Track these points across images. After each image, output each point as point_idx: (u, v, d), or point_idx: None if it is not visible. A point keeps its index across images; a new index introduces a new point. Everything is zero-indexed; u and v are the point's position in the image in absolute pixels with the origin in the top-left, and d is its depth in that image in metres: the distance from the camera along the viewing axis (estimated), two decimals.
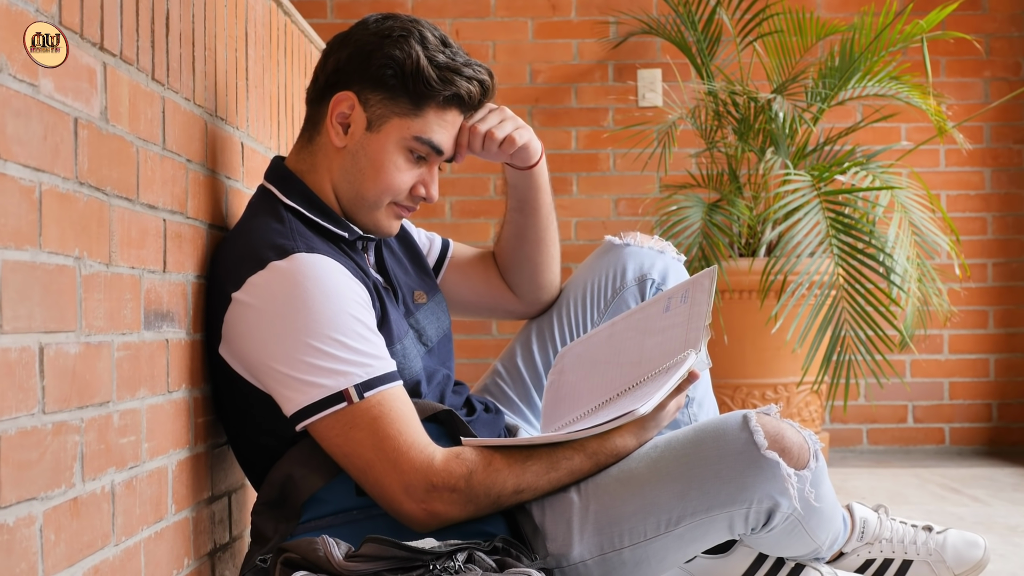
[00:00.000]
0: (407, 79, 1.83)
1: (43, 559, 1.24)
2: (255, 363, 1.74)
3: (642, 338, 1.90)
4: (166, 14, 1.64)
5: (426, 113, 1.86)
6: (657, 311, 1.93)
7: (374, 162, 1.86)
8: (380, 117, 1.85)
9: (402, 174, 1.87)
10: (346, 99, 1.85)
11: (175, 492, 1.67)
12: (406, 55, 1.83)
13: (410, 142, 1.86)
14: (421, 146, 1.87)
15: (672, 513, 1.74)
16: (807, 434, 1.78)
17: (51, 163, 1.26)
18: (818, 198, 3.75)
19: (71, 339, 1.31)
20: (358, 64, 1.85)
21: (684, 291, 1.90)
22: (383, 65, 1.83)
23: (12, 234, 1.17)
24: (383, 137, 1.86)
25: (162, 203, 1.62)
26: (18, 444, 1.18)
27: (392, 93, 1.84)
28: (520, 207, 2.14)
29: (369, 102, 1.85)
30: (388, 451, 1.70)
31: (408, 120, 1.85)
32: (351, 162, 1.87)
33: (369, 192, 1.87)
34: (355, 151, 1.87)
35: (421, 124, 1.86)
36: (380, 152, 1.86)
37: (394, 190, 1.88)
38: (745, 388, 4.02)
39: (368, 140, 1.86)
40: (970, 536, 2.10)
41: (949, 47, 4.65)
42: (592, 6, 4.75)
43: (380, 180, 1.86)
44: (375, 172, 1.86)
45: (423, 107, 1.85)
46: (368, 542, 1.59)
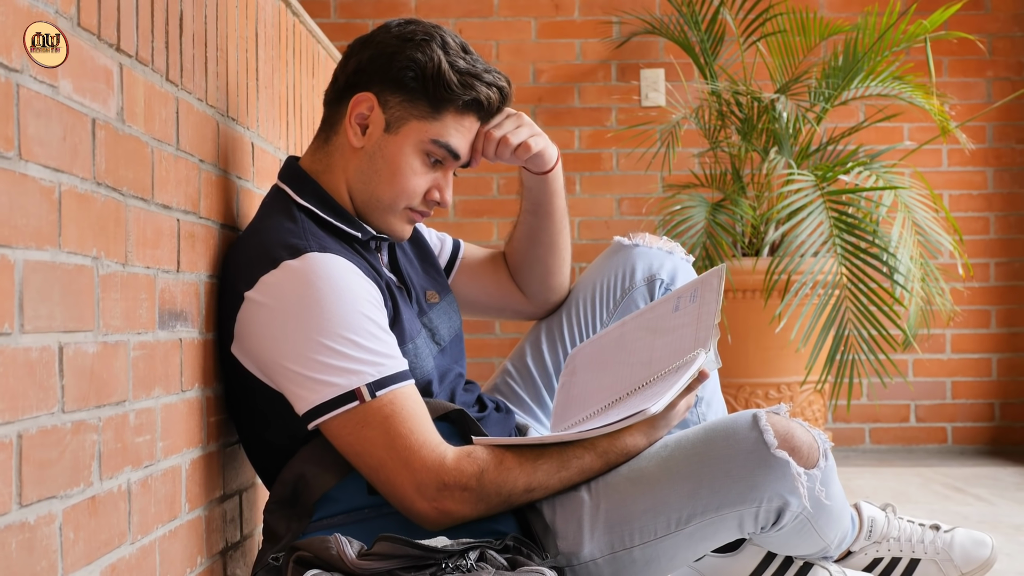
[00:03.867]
0: (427, 82, 1.84)
1: (62, 557, 1.24)
2: (267, 361, 1.75)
3: (652, 338, 1.91)
4: (180, 15, 1.65)
5: (444, 117, 1.87)
6: (667, 311, 1.93)
7: (391, 164, 1.87)
8: (399, 119, 1.86)
9: (418, 177, 1.88)
10: (366, 100, 1.86)
11: (188, 491, 1.68)
12: (428, 58, 1.84)
13: (428, 145, 1.87)
14: (438, 149, 1.87)
15: (682, 512, 1.75)
16: (816, 433, 1.79)
17: (70, 163, 1.27)
18: (821, 198, 3.76)
19: (89, 339, 1.32)
20: (379, 66, 1.86)
21: (693, 290, 1.91)
22: (404, 67, 1.85)
23: (33, 234, 1.18)
24: (401, 139, 1.86)
25: (176, 203, 1.63)
26: (39, 443, 1.19)
27: (412, 96, 1.85)
28: (534, 210, 2.15)
29: (388, 104, 1.86)
30: (400, 450, 1.71)
31: (427, 123, 1.86)
32: (368, 163, 1.88)
33: (384, 194, 1.88)
34: (372, 152, 1.88)
35: (439, 128, 1.87)
36: (397, 154, 1.87)
37: (409, 193, 1.88)
38: (749, 387, 4.03)
39: (386, 142, 1.87)
40: (977, 535, 2.11)
41: (952, 47, 4.66)
42: (595, 6, 4.76)
43: (396, 182, 1.87)
44: (391, 174, 1.87)
45: (442, 111, 1.86)
46: (381, 540, 1.60)
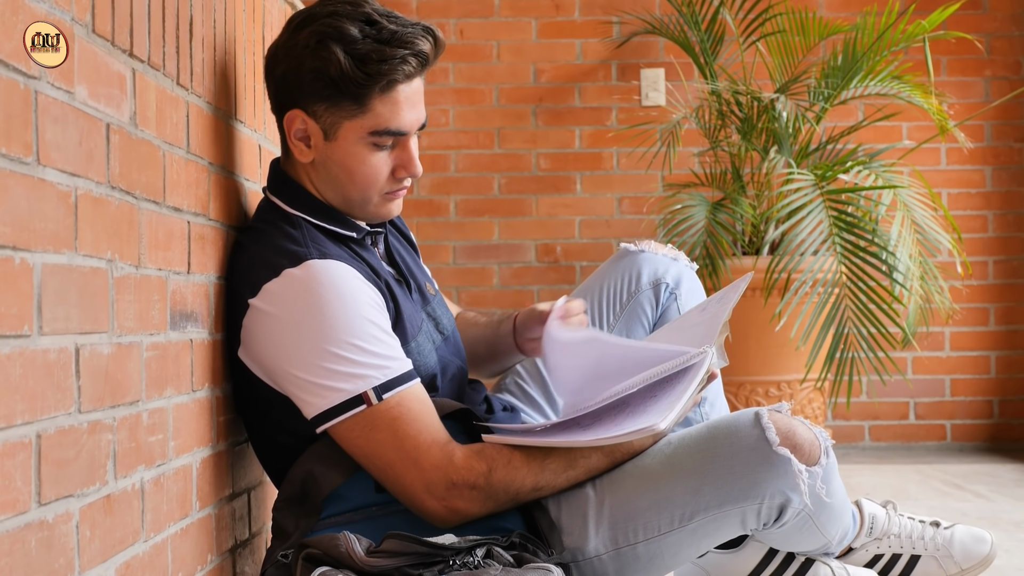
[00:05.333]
0: (338, 84, 1.79)
1: (79, 555, 1.27)
2: (274, 368, 1.77)
3: (678, 334, 1.94)
4: (190, 20, 1.67)
5: (372, 106, 1.82)
6: (696, 311, 1.97)
7: (344, 167, 1.86)
8: (332, 125, 1.83)
9: (377, 167, 1.86)
10: (296, 116, 1.84)
11: (199, 489, 1.70)
12: (327, 62, 1.78)
13: (369, 138, 1.84)
14: (381, 138, 1.84)
15: (686, 508, 1.78)
16: (818, 431, 1.81)
17: (86, 168, 1.29)
18: (821, 197, 3.78)
19: (104, 340, 1.34)
20: (291, 83, 1.83)
21: (723, 294, 1.93)
22: (312, 79, 1.80)
23: (51, 238, 1.20)
24: (342, 142, 1.84)
25: (187, 205, 1.65)
26: (57, 443, 1.21)
27: (332, 100, 1.81)
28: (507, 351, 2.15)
29: (317, 113, 1.83)
30: (409, 450, 1.73)
31: (358, 119, 1.82)
32: (324, 171, 1.87)
33: (353, 194, 1.88)
34: (324, 161, 1.87)
35: (373, 119, 1.82)
36: (345, 157, 1.85)
37: (375, 184, 1.87)
38: (749, 385, 4.06)
39: (331, 149, 1.85)
40: (977, 531, 2.13)
41: (950, 46, 4.68)
42: (595, 6, 4.78)
43: (357, 181, 1.86)
44: (349, 176, 1.86)
45: (366, 102, 1.81)
46: (389, 538, 1.62)
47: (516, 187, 4.79)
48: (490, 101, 4.80)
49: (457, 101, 4.77)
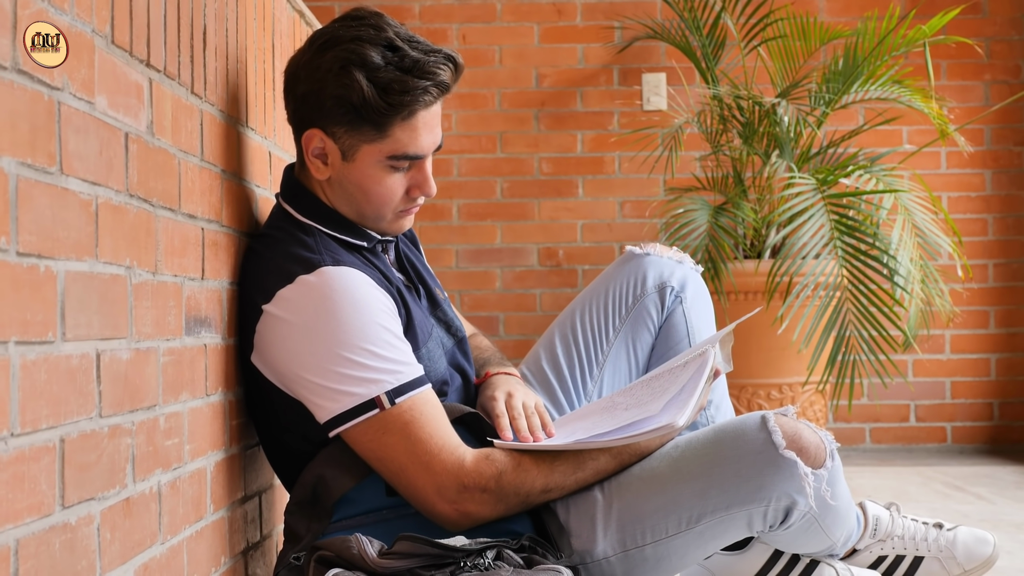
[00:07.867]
0: (359, 111, 1.81)
1: (100, 557, 1.29)
2: (287, 373, 1.80)
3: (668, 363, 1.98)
4: (204, 30, 1.69)
5: (392, 132, 1.83)
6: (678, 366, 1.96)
7: (360, 187, 1.88)
8: (351, 147, 1.85)
9: (392, 187, 1.88)
10: (315, 136, 1.86)
11: (213, 492, 1.73)
12: (349, 89, 1.80)
13: (387, 161, 1.86)
14: (399, 161, 1.86)
15: (693, 511, 1.80)
16: (824, 434, 1.84)
17: (106, 177, 1.32)
18: (822, 201, 3.80)
19: (123, 345, 1.36)
20: (312, 104, 1.84)
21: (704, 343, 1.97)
22: (333, 104, 1.82)
23: (73, 246, 1.23)
24: (360, 164, 1.86)
25: (201, 212, 1.68)
26: (79, 447, 1.23)
27: (353, 124, 1.83)
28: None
29: (336, 135, 1.85)
30: (420, 454, 1.75)
31: (377, 144, 1.84)
32: (340, 188, 1.89)
33: (367, 211, 1.90)
34: (340, 179, 1.88)
35: (392, 144, 1.84)
36: (362, 178, 1.87)
37: (390, 204, 1.90)
38: (751, 388, 4.08)
39: (348, 169, 1.87)
40: (980, 533, 2.15)
41: (950, 51, 4.71)
42: (597, 11, 4.80)
43: (372, 200, 1.89)
44: (364, 194, 1.88)
45: (386, 130, 1.83)
46: (401, 540, 1.64)
47: (518, 191, 4.82)
48: (492, 105, 4.82)
49: (460, 105, 4.80)
